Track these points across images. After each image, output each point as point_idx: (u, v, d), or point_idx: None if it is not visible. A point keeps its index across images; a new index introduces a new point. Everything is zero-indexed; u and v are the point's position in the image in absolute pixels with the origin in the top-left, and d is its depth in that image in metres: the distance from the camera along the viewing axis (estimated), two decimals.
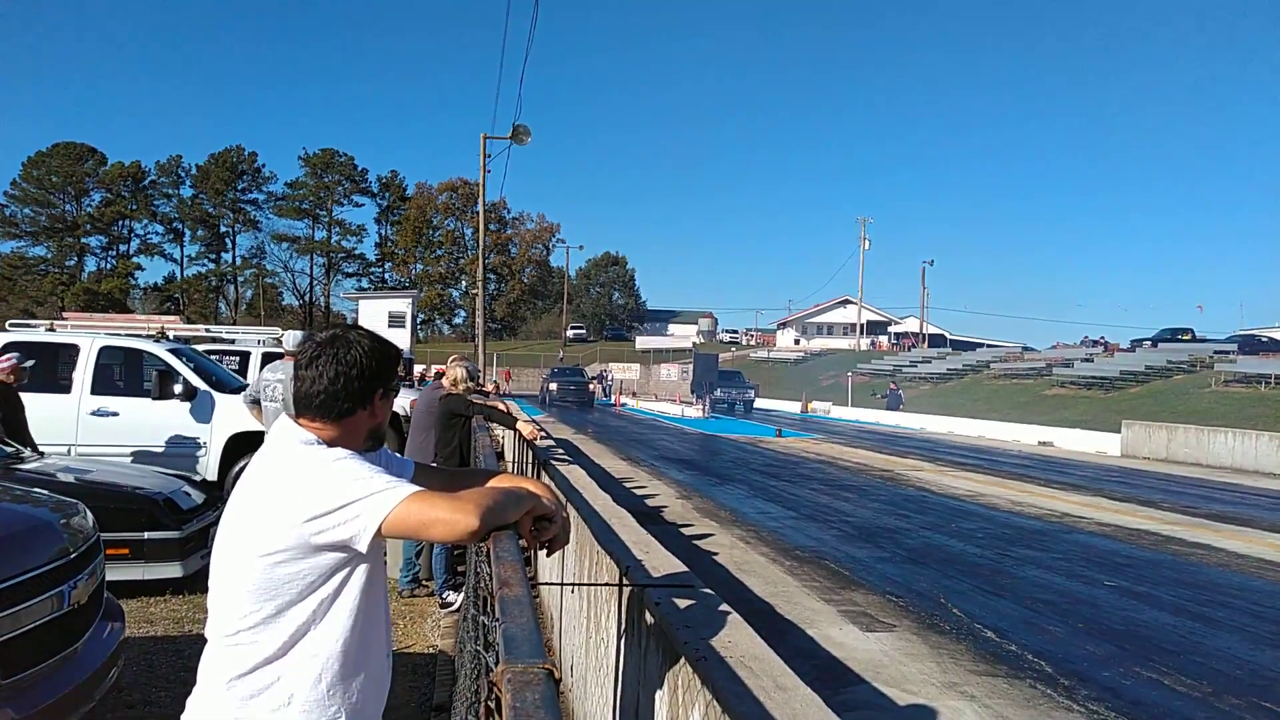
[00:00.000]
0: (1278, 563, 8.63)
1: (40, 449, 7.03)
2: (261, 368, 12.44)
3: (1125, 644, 5.64)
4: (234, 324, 61.64)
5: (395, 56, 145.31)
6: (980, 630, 5.76)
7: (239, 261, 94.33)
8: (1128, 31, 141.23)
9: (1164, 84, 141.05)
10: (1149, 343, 49.37)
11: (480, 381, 7.98)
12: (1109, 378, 39.60)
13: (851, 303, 79.67)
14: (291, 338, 7.95)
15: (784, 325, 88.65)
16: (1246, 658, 5.47)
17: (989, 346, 62.85)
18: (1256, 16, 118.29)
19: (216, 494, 7.84)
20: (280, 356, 9.75)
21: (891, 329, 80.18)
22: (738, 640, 2.11)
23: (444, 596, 6.93)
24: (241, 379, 11.51)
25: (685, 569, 3.06)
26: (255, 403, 7.33)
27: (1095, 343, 54.90)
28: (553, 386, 39.50)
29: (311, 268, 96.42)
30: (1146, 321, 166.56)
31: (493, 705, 0.76)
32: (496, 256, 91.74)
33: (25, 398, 9.22)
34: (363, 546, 1.65)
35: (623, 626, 2.85)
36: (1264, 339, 46.79)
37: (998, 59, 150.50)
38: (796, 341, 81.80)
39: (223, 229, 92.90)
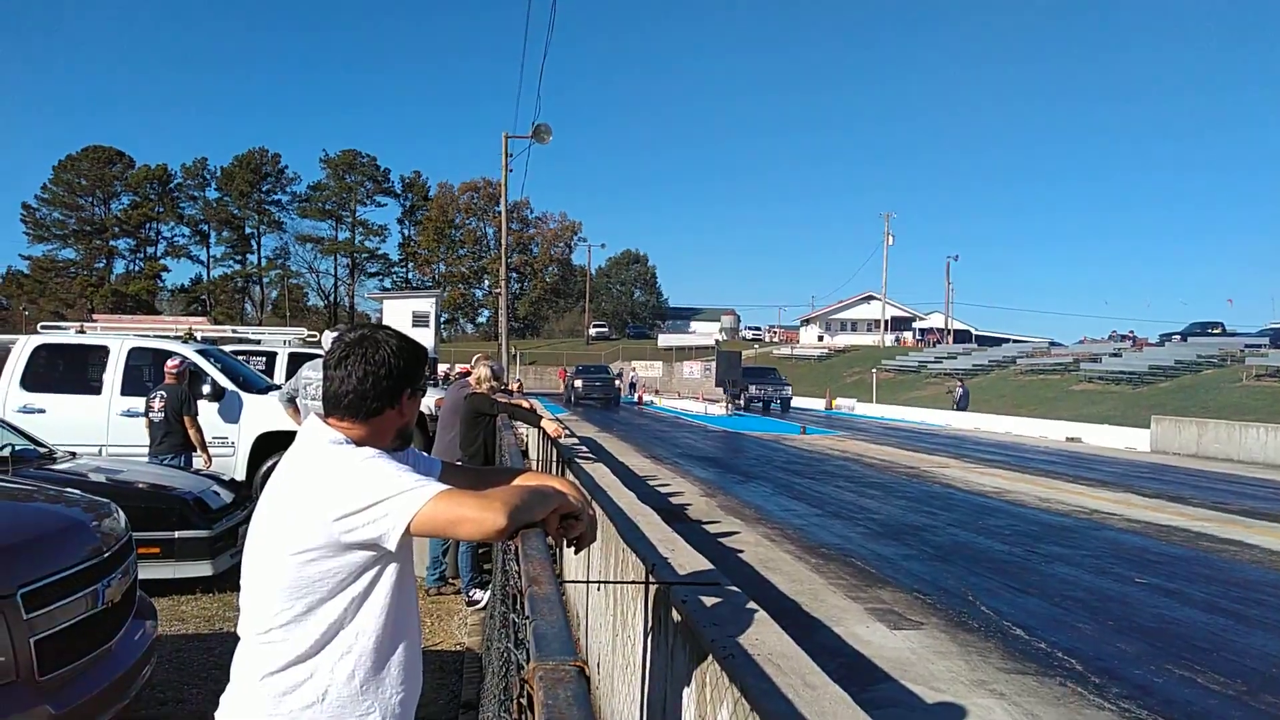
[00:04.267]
0: None
1: (72, 450, 7.13)
2: (288, 368, 12.60)
3: (1157, 642, 5.57)
4: (260, 324, 62.30)
5: (416, 57, 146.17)
6: (1009, 628, 5.72)
7: (264, 262, 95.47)
8: (1156, 19, 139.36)
9: (1193, 74, 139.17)
10: (1178, 337, 48.75)
11: (505, 381, 8.01)
12: (1138, 372, 39.12)
13: (875, 299, 79.18)
14: (330, 338, 8.02)
15: (807, 322, 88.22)
16: None
17: (1015, 342, 62.24)
18: None
19: (245, 493, 7.93)
20: (316, 356, 9.84)
21: (916, 325, 79.60)
22: (765, 638, 2.10)
23: (470, 594, 6.97)
24: (268, 379, 11.62)
25: (711, 567, 3.06)
26: (291, 401, 7.41)
27: (1124, 337, 54.28)
28: (578, 384, 38.54)
29: (335, 268, 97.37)
30: (1175, 316, 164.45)
31: (524, 702, 0.77)
32: (519, 256, 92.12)
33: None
34: (392, 545, 1.67)
35: (649, 624, 2.86)
36: None
37: (1024, 50, 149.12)
38: (820, 338, 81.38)
39: (248, 230, 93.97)
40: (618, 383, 40.74)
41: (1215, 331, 48.74)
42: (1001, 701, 4.28)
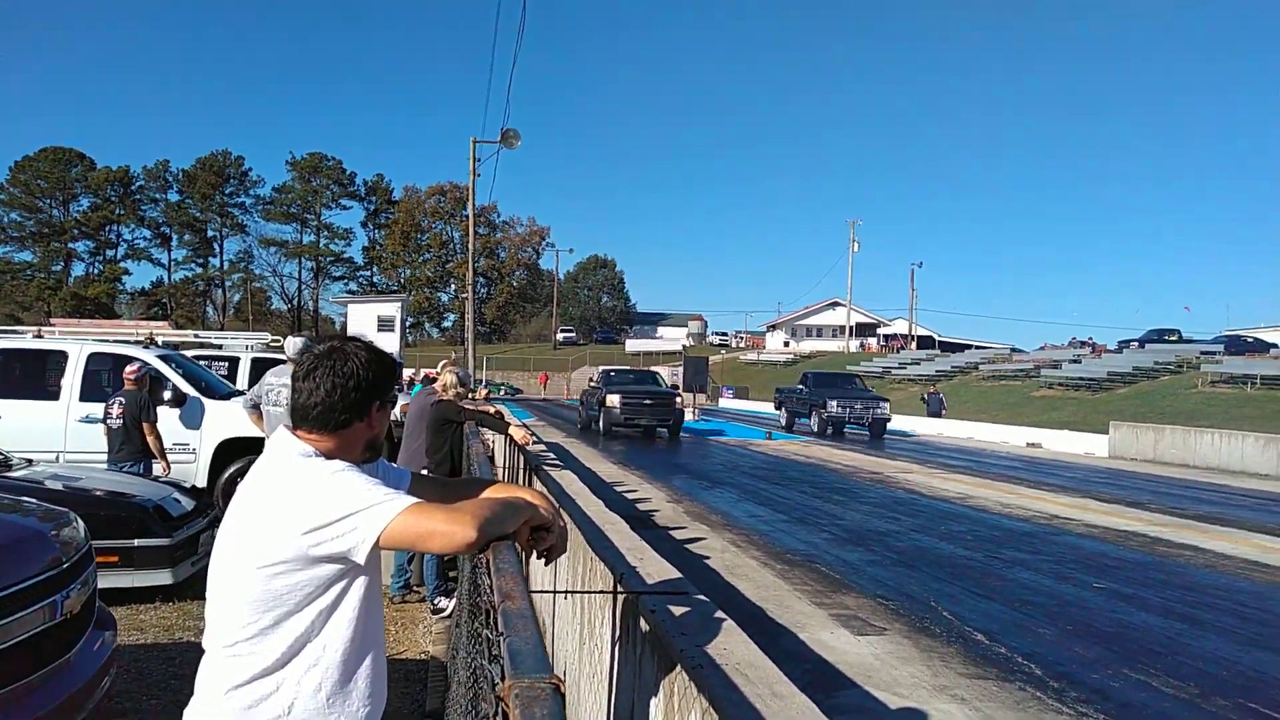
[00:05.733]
0: (1263, 564, 8.70)
1: (28, 456, 7.00)
2: (251, 373, 12.46)
3: (1114, 646, 5.68)
4: (222, 329, 61.47)
5: (383, 59, 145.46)
6: (970, 633, 5.80)
7: (226, 266, 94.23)
8: (1117, 30, 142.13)
9: (1151, 84, 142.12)
10: (1136, 344, 49.71)
11: (470, 386, 7.99)
12: (1096, 379, 39.82)
13: (841, 305, 79.85)
14: (292, 344, 7.96)
15: (774, 327, 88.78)
16: (1233, 659, 5.52)
17: (977, 348, 63.13)
18: (1250, 16, 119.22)
19: (206, 500, 7.82)
20: (279, 362, 9.74)
21: (880, 331, 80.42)
22: (733, 647, 2.13)
23: (436, 602, 6.93)
24: (230, 385, 11.48)
25: (679, 575, 3.08)
26: (255, 408, 7.35)
27: (1083, 344, 55.20)
28: (613, 401, 21.69)
29: (300, 271, 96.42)
30: (1134, 323, 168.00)
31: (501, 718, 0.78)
32: (485, 260, 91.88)
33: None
34: (361, 558, 1.67)
35: (617, 633, 2.87)
36: (1250, 340, 47.06)
37: (987, 60, 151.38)
38: (786, 343, 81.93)
39: (210, 233, 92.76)
40: (680, 401, 23.55)
41: (1172, 338, 49.77)
42: (963, 707, 4.34)
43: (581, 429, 24.26)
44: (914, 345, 69.34)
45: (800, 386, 29.11)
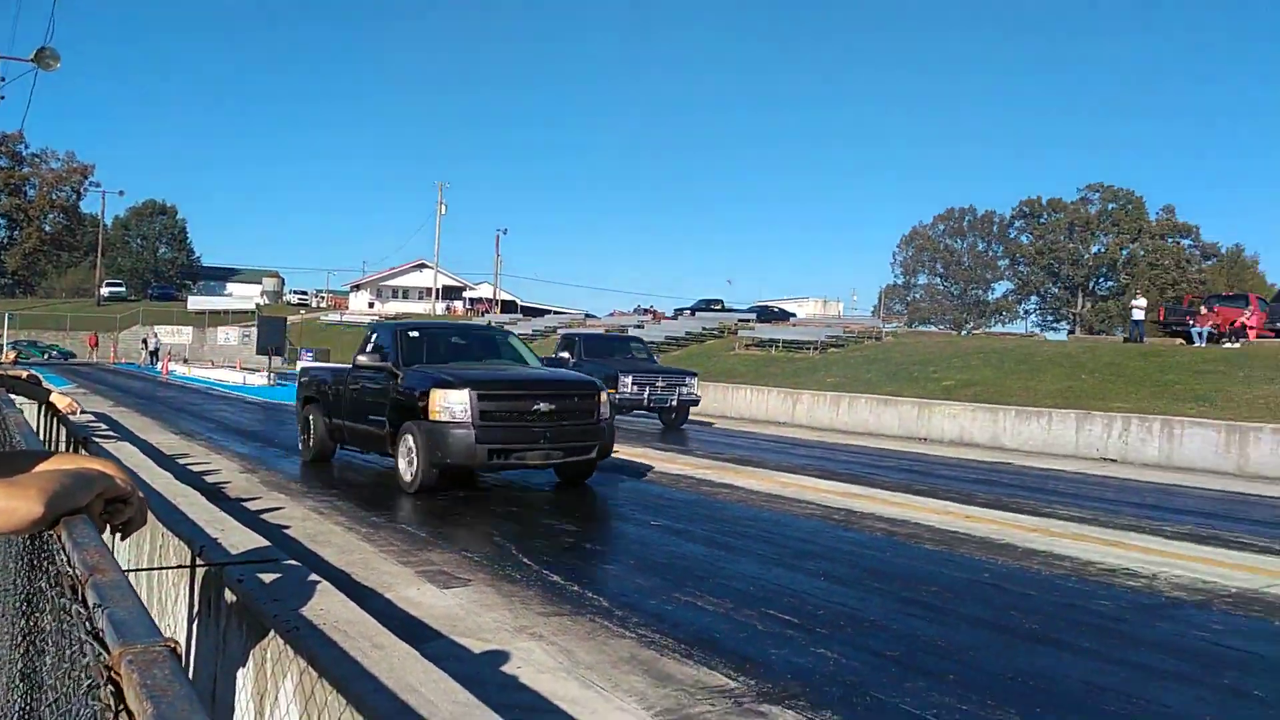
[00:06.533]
0: (781, 496, 10.41)
1: None
2: None
3: (668, 575, 6.50)
4: None
5: None
6: (548, 576, 6.27)
7: None
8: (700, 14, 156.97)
9: (737, 81, 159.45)
10: (688, 311, 56.03)
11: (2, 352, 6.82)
12: (656, 342, 44.10)
13: (428, 266, 79.54)
14: None
15: (358, 287, 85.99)
16: (758, 576, 6.60)
17: (555, 313, 66.81)
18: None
19: None
20: None
21: (467, 294, 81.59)
22: (330, 607, 2.15)
23: None
24: None
25: (267, 544, 2.99)
26: None
27: (646, 311, 60.98)
28: (455, 407, 8.93)
29: None
30: (687, 292, 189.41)
31: (112, 691, 0.78)
32: (9, 199, 77.41)
33: None
34: None
35: (196, 609, 2.72)
36: (776, 310, 55.42)
37: (585, 31, 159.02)
38: (371, 305, 79.81)
39: None
40: (604, 400, 10.17)
41: (717, 307, 56.83)
42: (541, 643, 4.72)
43: (312, 461, 11.86)
44: (498, 309, 71.37)
45: (564, 355, 19.65)
